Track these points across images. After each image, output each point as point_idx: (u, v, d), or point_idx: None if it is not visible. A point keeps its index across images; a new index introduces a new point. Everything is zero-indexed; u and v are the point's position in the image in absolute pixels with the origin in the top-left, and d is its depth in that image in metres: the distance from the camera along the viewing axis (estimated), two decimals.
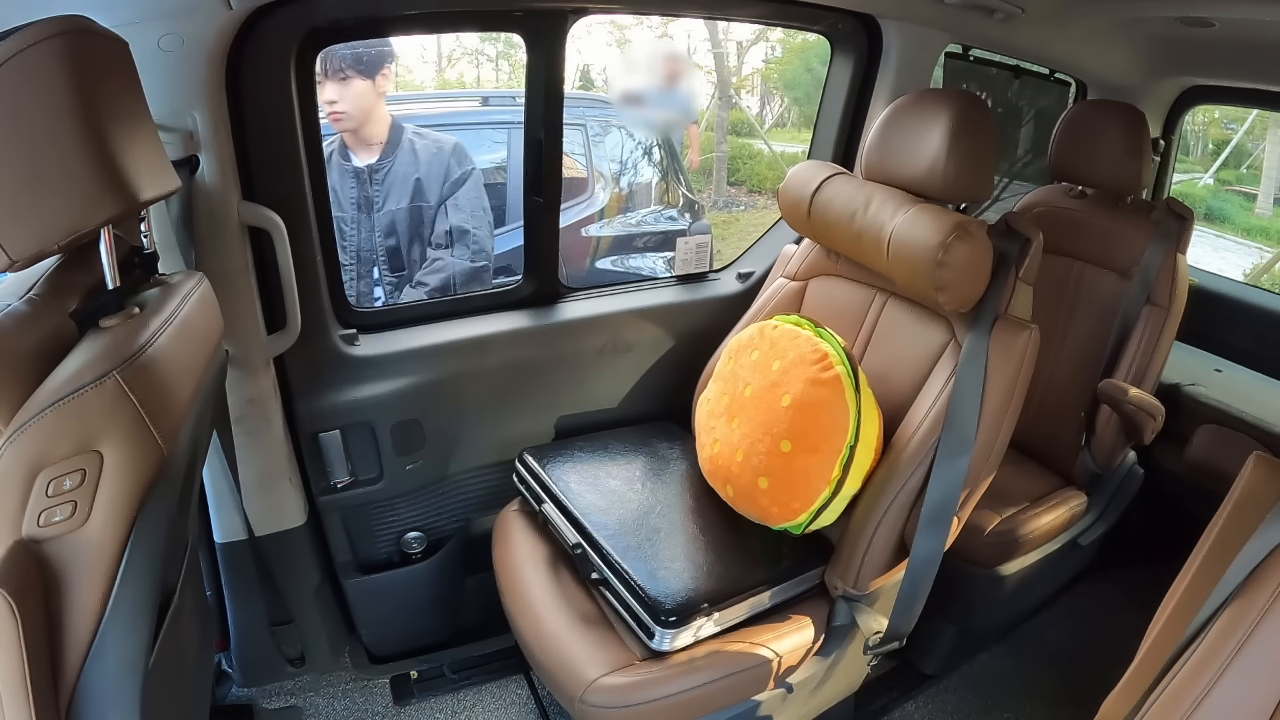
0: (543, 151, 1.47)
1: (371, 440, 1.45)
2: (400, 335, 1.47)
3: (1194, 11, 1.58)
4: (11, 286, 0.83)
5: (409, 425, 1.46)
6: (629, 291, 1.71)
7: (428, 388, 1.46)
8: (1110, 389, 1.61)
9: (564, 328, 1.58)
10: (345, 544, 1.53)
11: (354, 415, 1.42)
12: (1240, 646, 0.76)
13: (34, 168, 0.73)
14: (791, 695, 1.26)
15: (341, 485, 1.46)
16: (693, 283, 1.79)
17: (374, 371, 1.43)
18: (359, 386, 1.41)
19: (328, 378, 1.40)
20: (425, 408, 1.47)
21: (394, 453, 1.48)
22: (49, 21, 0.74)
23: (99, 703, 0.79)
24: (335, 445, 1.43)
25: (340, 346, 1.41)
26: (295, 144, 1.28)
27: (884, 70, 1.77)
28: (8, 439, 0.72)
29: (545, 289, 1.60)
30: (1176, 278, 1.66)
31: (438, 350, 1.46)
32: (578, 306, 1.62)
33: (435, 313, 1.53)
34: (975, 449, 1.15)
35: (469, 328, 1.51)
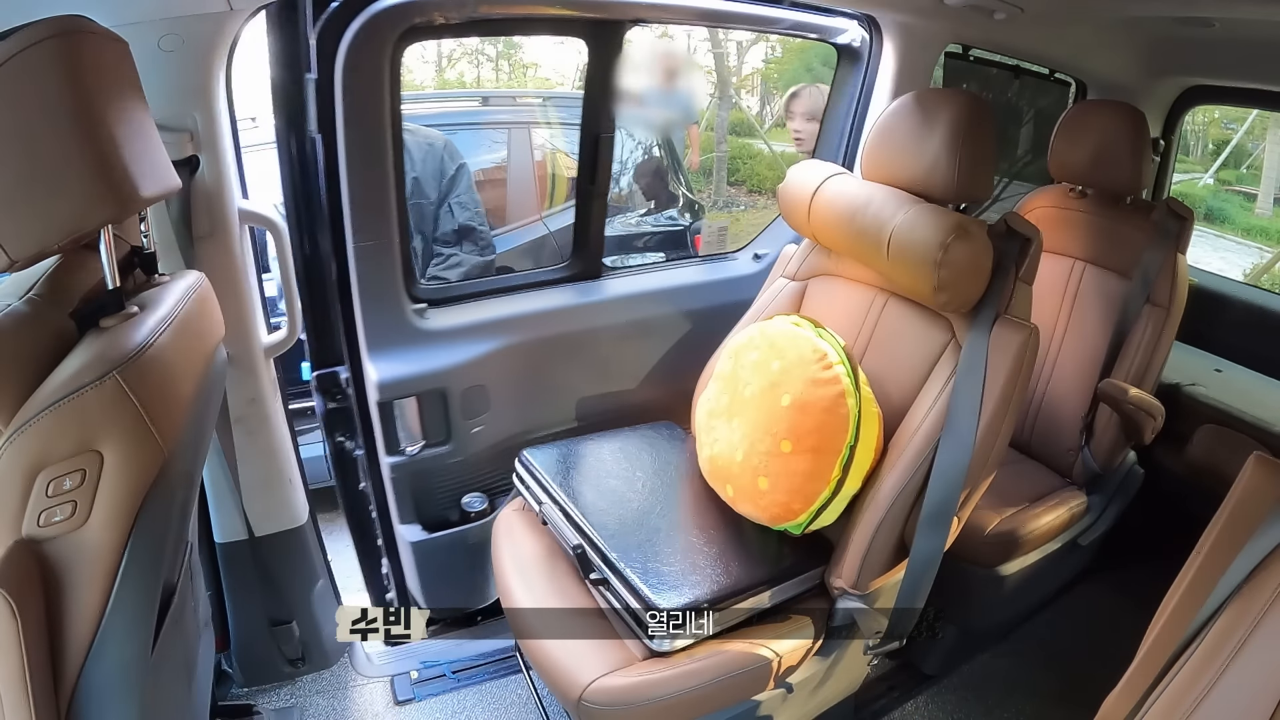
0: (599, 144, 1.60)
1: (443, 405, 1.54)
2: (464, 309, 1.59)
3: (1194, 11, 1.58)
4: (11, 286, 0.83)
5: (476, 390, 1.57)
6: (659, 270, 1.89)
7: (491, 356, 1.57)
8: (1110, 389, 1.61)
9: (605, 303, 1.72)
10: (411, 505, 1.61)
11: (428, 383, 1.51)
12: (1240, 646, 0.76)
13: (34, 168, 0.73)
14: (791, 695, 1.26)
15: (414, 451, 1.55)
16: (714, 262, 1.95)
17: (443, 342, 1.53)
18: (431, 356, 1.51)
19: (402, 349, 1.49)
20: (489, 374, 1.57)
21: (462, 417, 1.56)
22: (49, 21, 0.74)
23: (99, 703, 0.79)
24: (409, 412, 1.52)
25: (413, 320, 1.51)
26: (385, 132, 1.35)
27: (884, 70, 1.77)
28: (8, 439, 0.72)
29: (590, 267, 1.73)
30: (1176, 278, 1.66)
31: (498, 323, 1.59)
32: (616, 285, 1.76)
33: (494, 289, 1.65)
34: (975, 449, 1.15)
35: (524, 302, 1.64)
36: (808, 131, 1.94)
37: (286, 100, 1.32)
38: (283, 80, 1.31)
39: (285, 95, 1.32)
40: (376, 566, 1.72)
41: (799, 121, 2.00)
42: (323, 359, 1.52)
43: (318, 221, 1.41)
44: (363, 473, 1.61)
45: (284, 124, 1.34)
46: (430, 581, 1.66)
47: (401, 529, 1.61)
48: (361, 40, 1.28)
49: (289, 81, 1.31)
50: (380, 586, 1.74)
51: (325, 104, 1.31)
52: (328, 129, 1.32)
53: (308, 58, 1.29)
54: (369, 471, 1.59)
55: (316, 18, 1.27)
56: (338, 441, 1.59)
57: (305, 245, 1.43)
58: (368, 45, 1.28)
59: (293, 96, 1.32)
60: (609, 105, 1.59)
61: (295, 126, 1.34)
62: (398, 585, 1.72)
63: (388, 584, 1.73)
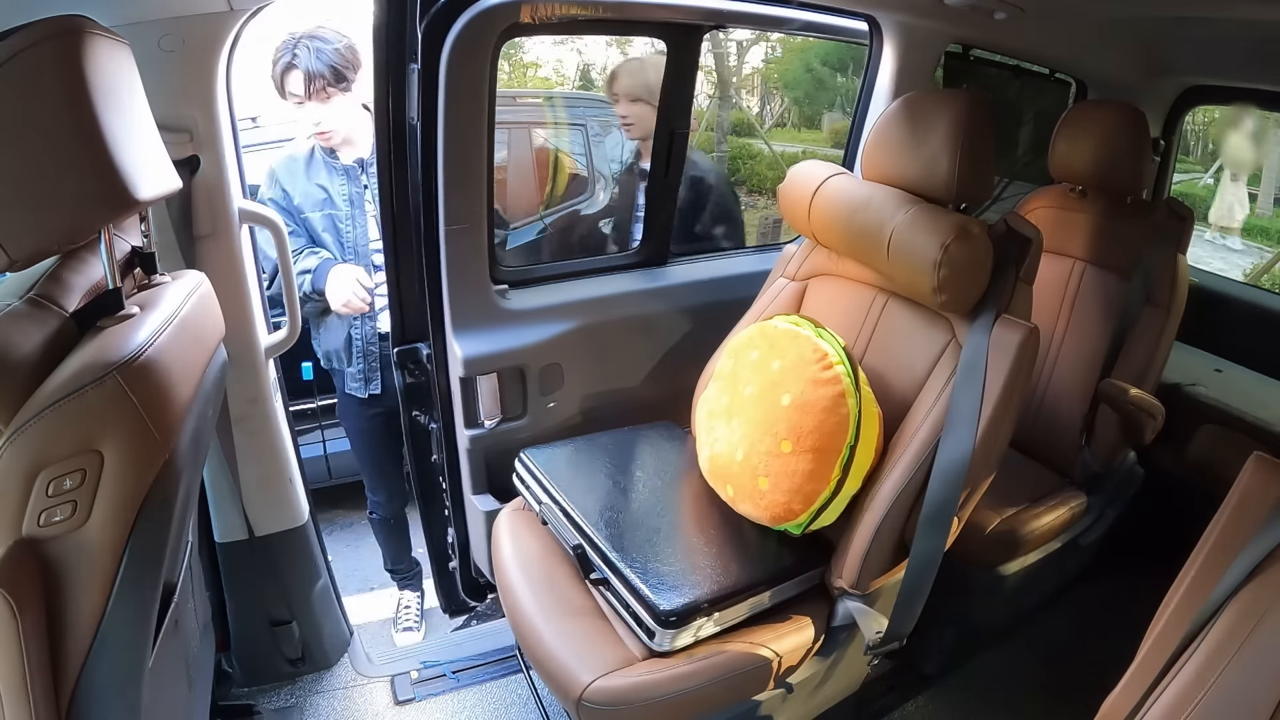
0: (673, 139, 1.68)
1: (520, 382, 1.61)
2: (542, 291, 1.65)
3: (1194, 11, 1.58)
4: (11, 286, 0.83)
5: (552, 368, 1.63)
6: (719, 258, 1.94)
7: (567, 336, 1.63)
8: (1110, 389, 1.61)
9: (672, 288, 1.79)
10: (483, 476, 1.66)
11: (509, 360, 1.57)
12: (1241, 646, 0.76)
13: (34, 168, 0.73)
14: (791, 695, 1.26)
15: (491, 424, 1.61)
16: (769, 251, 2.00)
17: (524, 321, 1.59)
18: (513, 334, 1.57)
19: (485, 328, 1.55)
20: (565, 353, 1.63)
21: (539, 393, 1.63)
22: (49, 21, 0.74)
23: (99, 702, 0.79)
24: (490, 387, 1.58)
25: (496, 300, 1.57)
26: (482, 123, 1.40)
27: (884, 70, 1.77)
28: (8, 439, 0.72)
29: (659, 252, 1.81)
30: (1176, 278, 1.66)
31: (574, 305, 1.65)
32: (682, 271, 1.83)
33: (568, 272, 1.72)
34: (975, 449, 1.15)
35: (597, 286, 1.70)
36: (635, 114, 1.82)
37: (389, 86, 1.37)
38: (386, 67, 1.35)
39: (388, 81, 1.36)
40: (443, 536, 1.77)
41: (623, 105, 1.84)
42: (406, 336, 1.58)
43: (411, 204, 1.45)
44: (436, 445, 1.66)
45: (384, 109, 1.38)
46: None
47: (473, 498, 1.66)
48: (467, 35, 1.33)
49: (393, 68, 1.36)
50: (444, 556, 1.80)
51: (427, 93, 1.35)
52: (428, 117, 1.36)
53: (414, 47, 1.33)
54: (443, 444, 1.64)
55: (424, 10, 1.32)
56: (413, 415, 1.65)
57: (396, 227, 1.48)
58: (472, 40, 1.34)
59: (396, 83, 1.37)
60: (685, 103, 1.66)
61: (396, 113, 1.39)
62: (461, 555, 1.77)
63: (452, 553, 1.78)
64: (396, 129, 1.40)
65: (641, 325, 1.73)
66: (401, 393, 1.61)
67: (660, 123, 1.68)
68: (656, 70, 1.72)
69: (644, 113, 1.80)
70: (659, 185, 1.74)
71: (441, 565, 1.80)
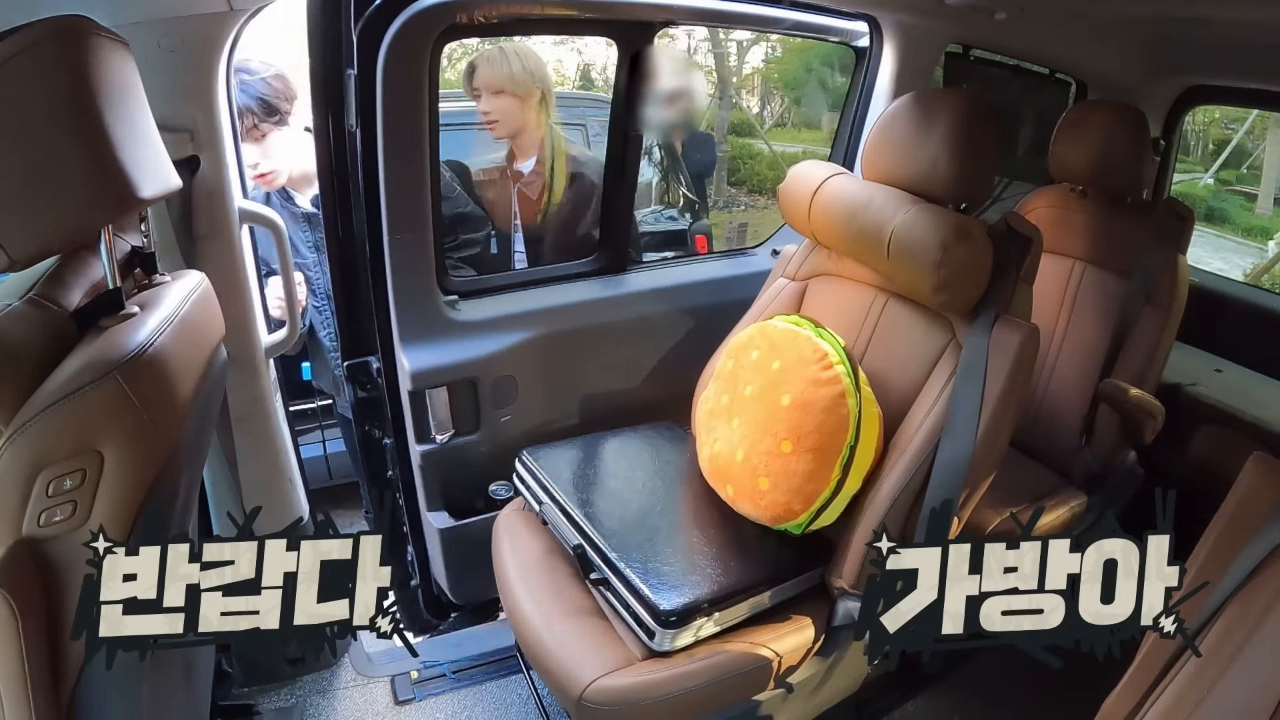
0: (627, 141, 1.64)
1: (473, 395, 1.57)
2: (494, 301, 1.61)
3: (1194, 11, 1.58)
4: (11, 286, 0.83)
5: (505, 380, 1.60)
6: (682, 265, 1.94)
7: (520, 347, 1.59)
8: (1110, 389, 1.61)
9: (633, 296, 1.75)
10: (438, 493, 1.63)
11: (459, 373, 1.53)
12: (1240, 646, 0.76)
13: (34, 168, 0.73)
14: (791, 695, 1.26)
15: (444, 439, 1.57)
16: (735, 257, 1.98)
17: (474, 333, 1.56)
18: (462, 347, 1.54)
19: (434, 340, 1.52)
20: (519, 365, 1.60)
21: (492, 406, 1.59)
22: (49, 21, 0.74)
23: (99, 702, 0.79)
24: (440, 401, 1.54)
25: (445, 311, 1.53)
26: (423, 127, 1.37)
27: (884, 70, 1.77)
28: (8, 439, 0.72)
29: (617, 260, 1.75)
30: (1176, 278, 1.65)
31: (528, 315, 1.61)
32: (643, 278, 1.79)
33: (522, 281, 1.68)
34: (975, 449, 1.15)
35: (553, 295, 1.66)
36: (498, 109, 1.67)
37: (326, 94, 1.35)
38: (323, 74, 1.33)
39: (325, 89, 1.34)
40: (401, 554, 1.75)
41: (485, 100, 1.68)
42: (354, 349, 1.55)
43: (354, 214, 1.43)
44: (390, 461, 1.63)
45: (323, 117, 1.36)
46: (455, 567, 1.67)
47: (429, 515, 1.64)
48: (403, 38, 1.30)
49: (329, 76, 1.34)
50: (404, 574, 1.77)
51: (365, 99, 1.33)
52: (367, 123, 1.34)
53: (349, 53, 1.31)
54: (396, 460, 1.62)
55: (359, 14, 1.30)
56: (366, 430, 1.62)
57: (340, 237, 1.46)
58: (409, 42, 1.31)
59: (333, 90, 1.34)
60: (638, 104, 1.61)
61: (334, 120, 1.37)
62: (421, 572, 1.75)
63: (412, 570, 1.76)
64: (336, 137, 1.38)
65: (600, 334, 1.69)
66: (353, 408, 1.59)
67: (614, 126, 1.63)
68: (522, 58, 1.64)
69: (509, 107, 1.68)
70: (614, 191, 1.69)
71: (402, 583, 1.77)
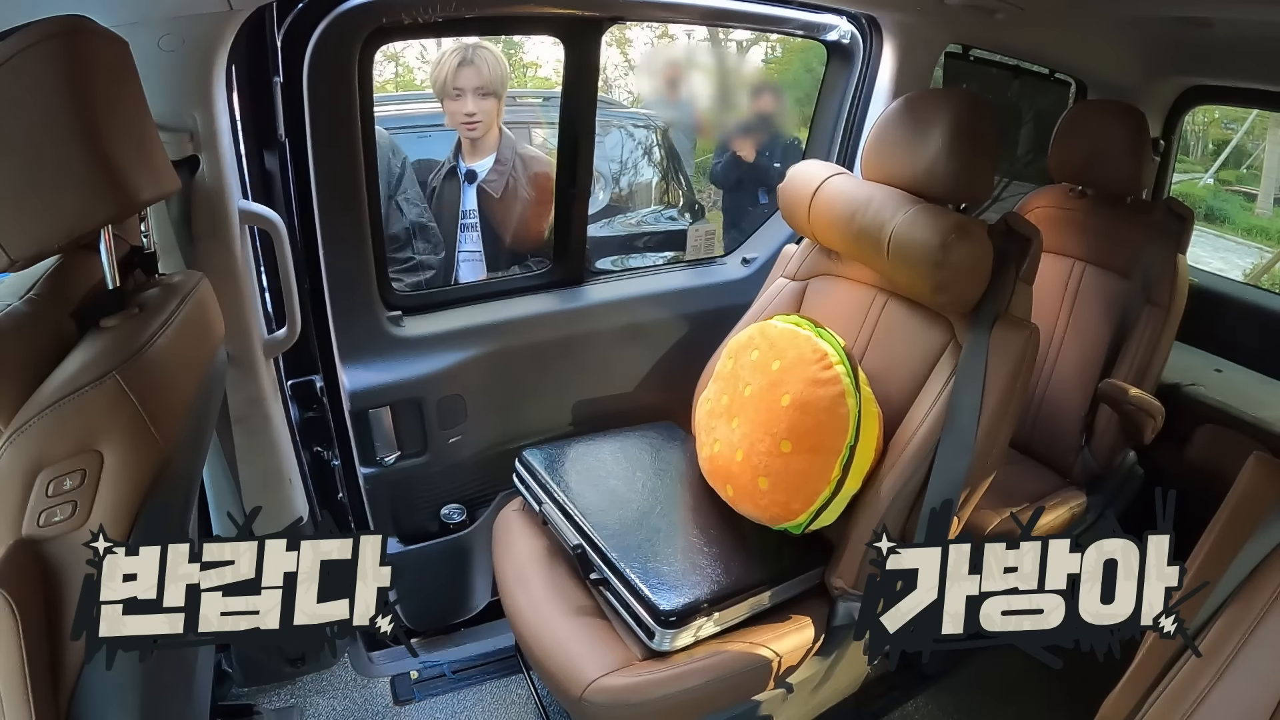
0: (577, 145, 1.57)
1: (418, 415, 1.52)
2: (441, 316, 1.56)
3: (1194, 11, 1.58)
4: (11, 286, 0.83)
5: (453, 400, 1.55)
6: (645, 275, 1.85)
7: (468, 365, 1.54)
8: (1110, 389, 1.61)
9: (590, 309, 1.69)
10: (388, 517, 1.59)
11: (402, 392, 1.49)
12: (1240, 646, 0.76)
13: (34, 168, 0.73)
14: (791, 695, 1.26)
15: (390, 460, 1.53)
16: (702, 266, 1.91)
17: (419, 350, 1.51)
18: (406, 365, 1.49)
19: (376, 357, 1.48)
20: (467, 384, 1.55)
21: (438, 427, 1.54)
22: (49, 21, 0.74)
23: (99, 703, 0.79)
24: (384, 421, 1.50)
25: (387, 327, 1.48)
26: (355, 135, 1.34)
27: (884, 70, 1.77)
28: (8, 439, 0.72)
29: (573, 272, 1.69)
30: (1176, 278, 1.66)
31: (477, 330, 1.56)
32: (601, 290, 1.72)
33: (472, 295, 1.62)
34: (975, 449, 1.15)
35: (504, 309, 1.60)
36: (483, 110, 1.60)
37: (253, 104, 1.28)
38: (249, 84, 1.27)
39: (252, 99, 1.28)
40: None
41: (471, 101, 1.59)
42: (298, 367, 1.48)
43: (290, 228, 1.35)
44: (340, 483, 1.57)
45: (251, 129, 1.30)
46: (409, 595, 1.63)
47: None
48: (328, 42, 1.26)
49: (256, 85, 1.27)
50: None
51: (293, 108, 1.28)
52: (296, 134, 1.29)
53: (274, 60, 1.26)
54: (345, 482, 1.56)
55: (281, 20, 1.25)
56: (315, 451, 1.54)
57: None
58: (334, 47, 1.27)
59: (260, 100, 1.28)
60: (588, 106, 1.55)
61: (263, 131, 1.31)
62: None
63: None
64: (266, 147, 1.32)
65: (553, 351, 1.64)
66: (298, 428, 1.52)
67: (564, 128, 1.56)
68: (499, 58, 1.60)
69: (492, 108, 1.64)
70: (566, 197, 1.62)
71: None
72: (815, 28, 1.75)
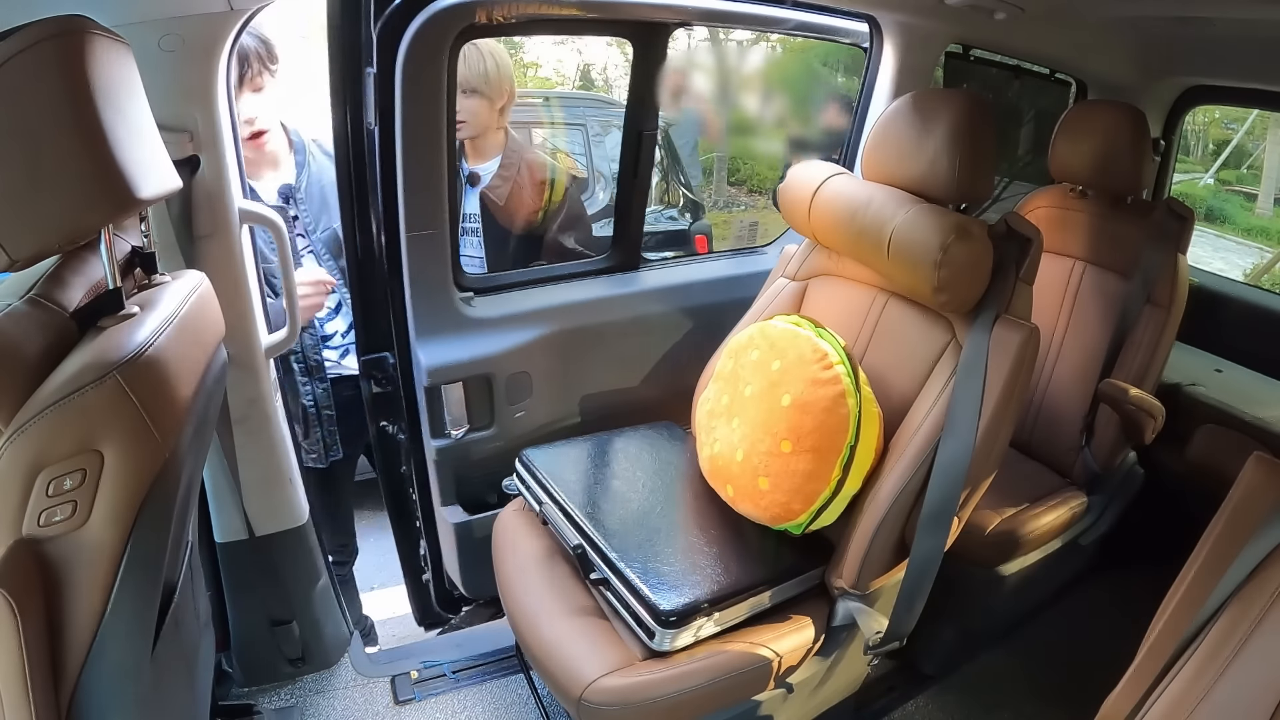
0: (641, 140, 1.66)
1: (488, 391, 1.59)
2: (508, 298, 1.62)
3: (1194, 11, 1.58)
4: (11, 286, 0.83)
5: (520, 377, 1.61)
6: (693, 263, 1.94)
7: (534, 344, 1.61)
8: (1110, 389, 1.61)
9: (644, 294, 1.77)
10: (453, 488, 1.64)
11: (474, 369, 1.55)
12: (1241, 646, 0.76)
13: (34, 168, 0.73)
14: (792, 695, 1.26)
15: (459, 435, 1.59)
16: (744, 255, 2.00)
17: (489, 329, 1.57)
18: (477, 343, 1.55)
19: (450, 335, 1.53)
20: (533, 361, 1.62)
21: (506, 402, 1.61)
22: (49, 21, 0.74)
23: (99, 703, 0.79)
24: (456, 397, 1.56)
25: (460, 307, 1.54)
26: (441, 125, 1.39)
27: (884, 70, 1.77)
28: (8, 439, 0.72)
29: (629, 259, 1.78)
30: (1176, 278, 1.66)
31: (541, 312, 1.63)
32: (654, 276, 1.81)
33: (537, 279, 1.69)
34: (975, 449, 1.15)
35: (566, 292, 1.68)
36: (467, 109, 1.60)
37: (345, 93, 1.36)
38: (343, 73, 1.34)
39: (344, 88, 1.35)
40: (414, 549, 1.76)
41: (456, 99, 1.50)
42: (370, 345, 1.56)
43: (372, 211, 1.44)
44: (405, 456, 1.64)
45: (341, 116, 1.37)
46: (468, 562, 1.68)
47: (443, 510, 1.64)
48: (423, 36, 1.32)
49: (349, 74, 1.35)
50: (417, 568, 1.78)
51: (384, 97, 1.34)
52: (386, 121, 1.35)
53: (369, 52, 1.32)
54: (411, 455, 1.63)
55: (378, 14, 1.31)
56: (381, 425, 1.62)
57: (358, 234, 1.47)
58: (428, 42, 1.33)
59: (352, 89, 1.36)
60: (652, 104, 1.64)
61: (354, 119, 1.38)
62: (434, 566, 1.76)
63: (424, 565, 1.76)
64: (355, 136, 1.38)
65: (613, 331, 1.71)
66: (368, 403, 1.59)
67: (628, 124, 1.65)
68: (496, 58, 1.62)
69: (479, 108, 1.65)
70: (628, 189, 1.71)
71: (415, 578, 1.78)
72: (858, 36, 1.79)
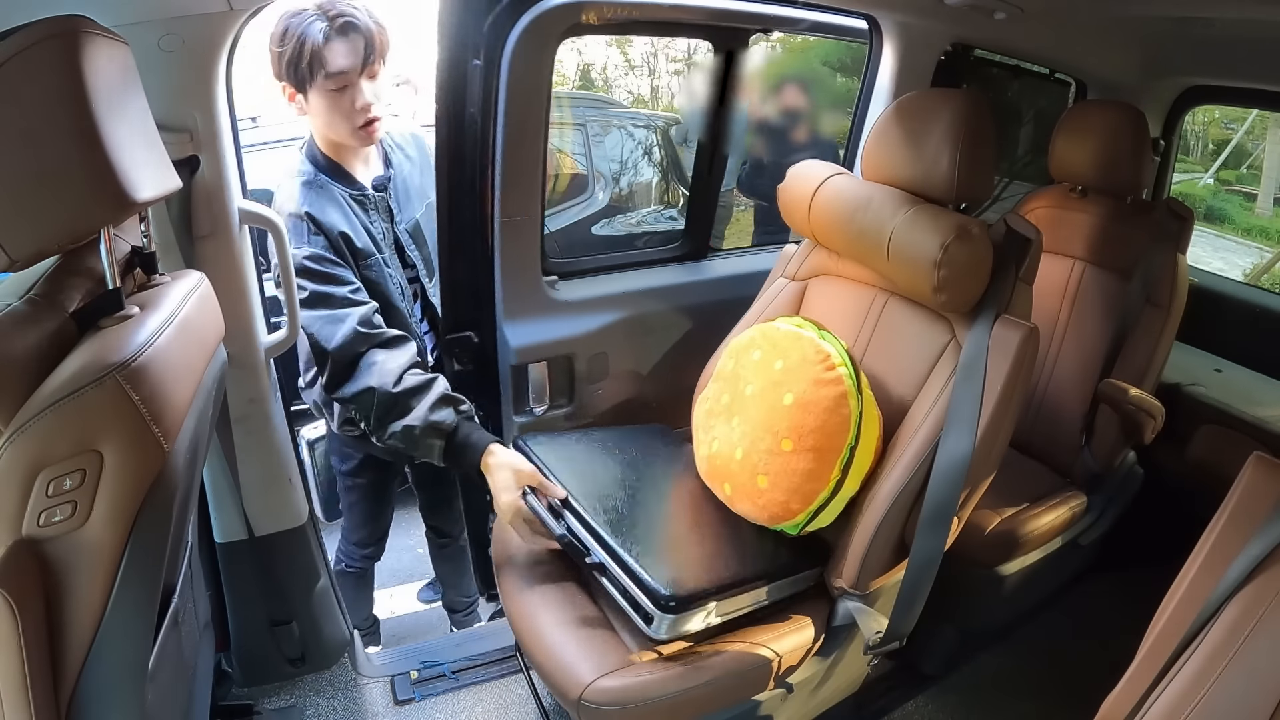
0: (717, 137, 1.78)
1: (569, 370, 1.68)
2: (588, 282, 1.72)
3: (1194, 11, 1.58)
4: (11, 286, 0.83)
5: (599, 357, 1.71)
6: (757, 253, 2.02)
7: (613, 326, 1.70)
8: (1110, 389, 1.61)
9: (712, 281, 1.87)
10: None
11: (558, 349, 1.64)
12: (1240, 646, 0.76)
13: (34, 168, 0.73)
14: (791, 695, 1.26)
15: (540, 411, 1.69)
16: None
17: (571, 312, 1.66)
18: (561, 324, 1.65)
19: (536, 317, 1.62)
20: (611, 342, 1.71)
21: (585, 381, 1.70)
22: (49, 21, 0.74)
23: (99, 703, 0.79)
24: (540, 375, 1.66)
25: (546, 290, 1.63)
26: (539, 118, 1.47)
27: (884, 70, 1.77)
28: (8, 439, 0.72)
29: (700, 247, 1.90)
30: (1176, 278, 1.66)
31: (619, 296, 1.73)
32: (721, 265, 1.92)
33: (616, 264, 1.81)
34: (975, 449, 1.15)
35: (642, 278, 1.79)
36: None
37: (451, 82, 1.39)
38: (450, 63, 1.38)
39: (451, 77, 1.39)
40: (484, 523, 1.78)
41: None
42: (454, 324, 1.59)
43: (469, 196, 1.48)
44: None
45: (445, 105, 1.41)
46: None
47: None
48: (530, 33, 1.40)
49: (455, 65, 1.39)
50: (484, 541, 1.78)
51: (488, 88, 1.40)
52: (486, 112, 1.42)
53: (478, 45, 1.38)
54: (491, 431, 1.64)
55: (488, 10, 1.38)
56: None
57: (453, 218, 1.50)
58: (534, 38, 1.40)
59: (457, 80, 1.40)
60: (729, 102, 1.73)
61: (456, 108, 1.42)
62: None
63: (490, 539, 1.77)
64: (458, 124, 1.43)
65: (683, 315, 1.81)
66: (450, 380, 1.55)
67: (707, 121, 1.76)
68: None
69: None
70: (702, 182, 1.84)
71: (481, 550, 1.80)
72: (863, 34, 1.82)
